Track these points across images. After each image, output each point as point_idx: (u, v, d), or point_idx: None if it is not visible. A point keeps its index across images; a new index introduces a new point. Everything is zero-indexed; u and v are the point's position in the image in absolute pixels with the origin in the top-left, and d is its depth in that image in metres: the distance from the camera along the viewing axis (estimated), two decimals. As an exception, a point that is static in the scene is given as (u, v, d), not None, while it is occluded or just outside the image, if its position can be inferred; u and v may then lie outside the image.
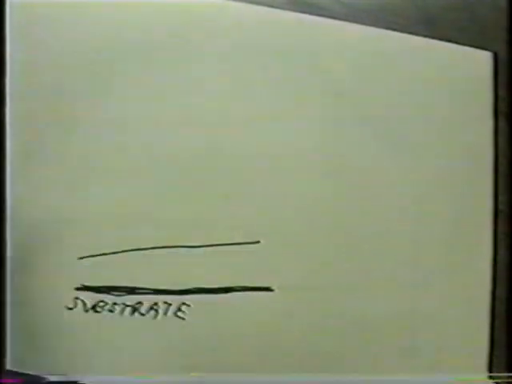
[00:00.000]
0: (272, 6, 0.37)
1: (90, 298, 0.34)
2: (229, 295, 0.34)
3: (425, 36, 0.37)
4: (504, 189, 0.36)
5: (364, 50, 0.36)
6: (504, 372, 0.34)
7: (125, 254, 0.34)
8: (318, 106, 0.36)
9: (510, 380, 0.33)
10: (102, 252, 0.34)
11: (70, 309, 0.34)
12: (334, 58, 0.36)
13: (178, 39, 0.35)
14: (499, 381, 0.33)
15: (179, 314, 0.34)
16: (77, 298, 0.34)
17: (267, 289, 0.34)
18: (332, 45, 0.36)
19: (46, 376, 0.33)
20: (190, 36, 0.35)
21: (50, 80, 0.35)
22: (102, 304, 0.34)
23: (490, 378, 0.34)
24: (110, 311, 0.34)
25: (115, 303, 0.34)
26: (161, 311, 0.34)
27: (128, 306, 0.34)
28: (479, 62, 0.37)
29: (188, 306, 0.34)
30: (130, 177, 0.34)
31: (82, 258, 0.34)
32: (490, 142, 0.36)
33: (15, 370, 0.33)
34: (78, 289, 0.34)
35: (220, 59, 0.35)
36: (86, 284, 0.34)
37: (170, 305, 0.34)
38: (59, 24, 0.35)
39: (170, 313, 0.34)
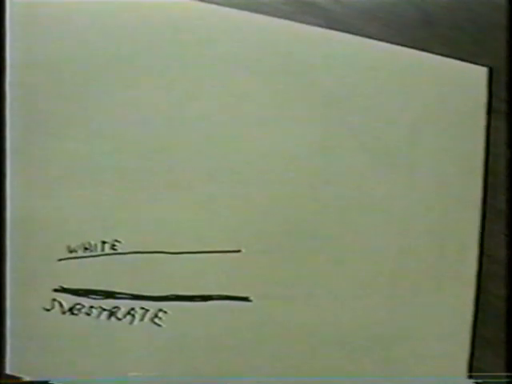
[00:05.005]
0: (271, 6, 0.37)
1: (67, 300, 0.34)
2: (207, 303, 0.34)
3: (423, 36, 0.37)
4: (504, 189, 0.36)
5: (354, 61, 0.36)
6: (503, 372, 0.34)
7: (105, 257, 0.34)
8: (305, 117, 0.36)
9: (492, 380, 0.33)
10: (81, 255, 0.34)
11: (48, 310, 0.34)
12: (324, 69, 0.36)
13: (166, 43, 0.36)
14: (480, 381, 0.33)
15: (156, 320, 0.34)
16: (54, 300, 0.34)
17: (245, 299, 0.34)
18: (322, 55, 0.36)
19: (21, 376, 0.33)
20: (179, 41, 0.36)
21: (48, 80, 0.35)
22: (79, 307, 0.34)
23: (470, 377, 0.33)
24: (87, 314, 0.34)
25: (92, 306, 0.34)
26: (138, 317, 0.34)
27: (105, 310, 0.34)
28: (474, 78, 0.37)
29: (165, 312, 0.34)
30: (113, 181, 0.35)
31: (61, 260, 0.34)
32: (481, 156, 0.35)
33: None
34: (56, 290, 0.34)
35: (208, 66, 0.36)
36: (65, 286, 0.34)
37: (148, 311, 0.34)
38: (59, 23, 0.36)
39: (146, 319, 0.34)
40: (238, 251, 0.34)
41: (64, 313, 0.34)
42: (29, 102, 0.35)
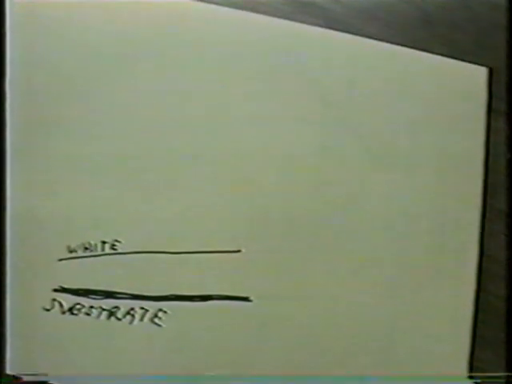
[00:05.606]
0: (270, 6, 0.37)
1: (67, 300, 0.34)
2: (206, 303, 0.34)
3: (423, 36, 0.37)
4: (504, 189, 0.36)
5: (354, 61, 0.36)
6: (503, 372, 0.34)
7: (105, 257, 0.34)
8: (305, 117, 0.36)
9: (491, 380, 0.33)
10: (81, 255, 0.34)
11: (47, 310, 0.34)
12: (323, 69, 0.36)
13: (166, 43, 0.36)
14: (479, 381, 0.33)
15: (156, 320, 0.34)
16: (54, 300, 0.34)
17: (245, 299, 0.34)
18: (321, 55, 0.36)
19: (21, 376, 0.33)
20: (179, 41, 0.36)
21: (48, 80, 0.35)
22: (78, 307, 0.34)
23: (471, 378, 0.34)
24: (87, 314, 0.34)
25: (92, 306, 0.34)
26: (137, 317, 0.34)
27: (105, 309, 0.34)
28: (474, 78, 0.37)
29: (165, 312, 0.34)
30: (113, 181, 0.35)
31: (61, 260, 0.34)
32: (481, 157, 0.35)
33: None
34: (55, 290, 0.34)
35: (208, 66, 0.36)
36: (65, 286, 0.34)
37: (147, 311, 0.34)
38: (59, 23, 0.36)
39: (146, 319, 0.34)
40: (238, 251, 0.34)
41: (64, 313, 0.34)
42: (29, 102, 0.35)
